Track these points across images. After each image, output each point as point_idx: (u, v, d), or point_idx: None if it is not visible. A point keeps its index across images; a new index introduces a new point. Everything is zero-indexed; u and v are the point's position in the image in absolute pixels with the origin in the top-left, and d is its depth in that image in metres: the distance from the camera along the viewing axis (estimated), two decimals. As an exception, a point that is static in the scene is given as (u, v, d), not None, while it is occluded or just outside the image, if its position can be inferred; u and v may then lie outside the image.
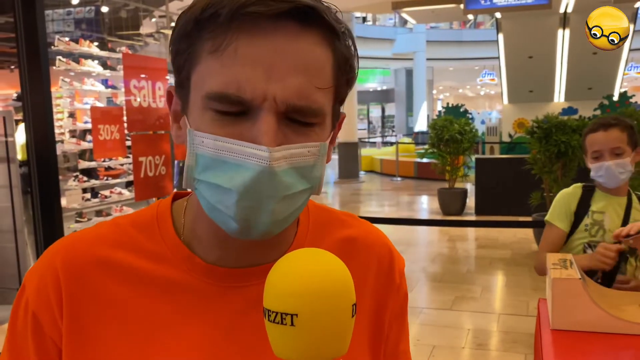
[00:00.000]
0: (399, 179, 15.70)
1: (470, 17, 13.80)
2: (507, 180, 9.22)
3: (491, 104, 40.47)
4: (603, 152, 2.35)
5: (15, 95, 6.46)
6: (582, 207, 2.42)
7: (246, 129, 0.63)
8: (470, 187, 10.61)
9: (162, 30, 12.97)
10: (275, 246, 0.75)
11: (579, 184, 2.51)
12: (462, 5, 10.70)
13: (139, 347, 0.69)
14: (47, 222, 5.58)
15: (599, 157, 2.36)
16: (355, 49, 0.70)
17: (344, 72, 0.69)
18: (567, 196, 2.46)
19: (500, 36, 13.23)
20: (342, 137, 14.74)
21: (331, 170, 16.53)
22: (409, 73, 30.90)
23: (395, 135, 26.56)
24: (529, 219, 7.33)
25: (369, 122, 38.48)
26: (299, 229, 0.79)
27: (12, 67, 17.59)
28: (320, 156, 0.67)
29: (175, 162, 7.73)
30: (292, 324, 0.56)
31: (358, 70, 0.72)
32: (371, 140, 25.84)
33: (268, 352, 0.60)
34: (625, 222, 2.37)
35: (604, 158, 2.34)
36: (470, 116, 11.11)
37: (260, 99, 0.62)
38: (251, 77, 0.62)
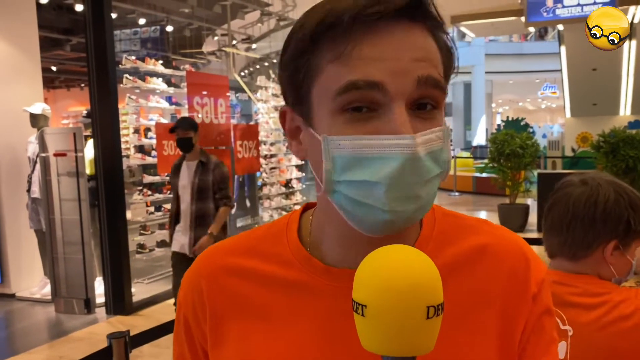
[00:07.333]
0: (456, 193, 15.47)
1: (532, 29, 13.56)
2: (571, 196, 8.91)
3: (553, 117, 39.45)
4: None
5: (85, 112, 6.72)
6: None
7: (382, 124, 0.65)
8: (532, 203, 10.35)
9: (224, 48, 13.26)
10: None
11: None
12: (523, 18, 10.54)
13: (263, 338, 0.77)
14: (113, 235, 5.78)
15: None
16: (452, 40, 0.73)
17: (448, 60, 0.72)
18: None
19: (563, 48, 12.94)
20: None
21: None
22: (467, 87, 30.56)
23: (453, 149, 26.27)
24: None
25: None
26: (422, 235, 0.79)
27: (83, 85, 18.38)
28: (445, 140, 0.69)
29: (236, 176, 7.86)
30: (362, 315, 0.58)
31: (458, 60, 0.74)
32: (429, 154, 25.53)
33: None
34: None
35: None
36: (531, 130, 10.87)
37: (390, 93, 0.65)
38: (378, 74, 0.65)
